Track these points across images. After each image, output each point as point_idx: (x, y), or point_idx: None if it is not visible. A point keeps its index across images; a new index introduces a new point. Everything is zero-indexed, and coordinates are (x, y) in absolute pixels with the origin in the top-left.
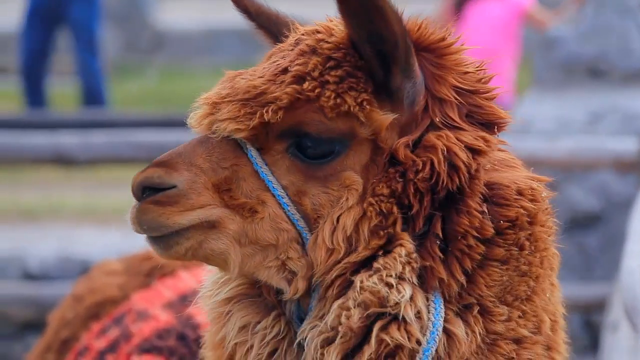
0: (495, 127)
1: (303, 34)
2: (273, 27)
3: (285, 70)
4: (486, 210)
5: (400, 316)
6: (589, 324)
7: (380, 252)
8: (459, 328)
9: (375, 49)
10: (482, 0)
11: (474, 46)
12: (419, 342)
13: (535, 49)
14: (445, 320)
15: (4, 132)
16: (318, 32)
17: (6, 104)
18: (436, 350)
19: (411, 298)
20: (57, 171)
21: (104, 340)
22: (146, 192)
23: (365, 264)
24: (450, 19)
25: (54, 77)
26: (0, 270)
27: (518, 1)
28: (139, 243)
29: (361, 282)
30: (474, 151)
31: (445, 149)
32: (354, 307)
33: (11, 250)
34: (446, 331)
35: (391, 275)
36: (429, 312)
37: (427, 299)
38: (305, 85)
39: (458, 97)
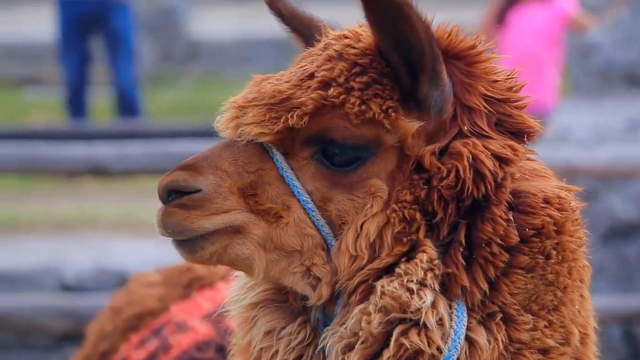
0: (525, 136)
1: (332, 39)
2: (306, 31)
3: (311, 76)
4: (511, 218)
5: (422, 322)
6: (629, 335)
7: (403, 259)
8: (481, 336)
9: (401, 56)
10: (526, 6)
11: (508, 55)
12: (439, 349)
13: (573, 55)
14: (468, 328)
15: (40, 143)
16: (346, 37)
17: (43, 114)
18: (457, 358)
19: (433, 304)
20: (93, 182)
21: (143, 352)
22: (172, 195)
23: (389, 270)
24: (493, 25)
25: (89, 87)
26: (37, 282)
27: (562, 7)
28: (174, 254)
29: (382, 287)
30: (501, 159)
31: (471, 157)
32: (375, 312)
33: (47, 261)
34: (468, 339)
35: (412, 281)
36: (451, 320)
37: (450, 307)
38: (331, 91)
39: (487, 106)
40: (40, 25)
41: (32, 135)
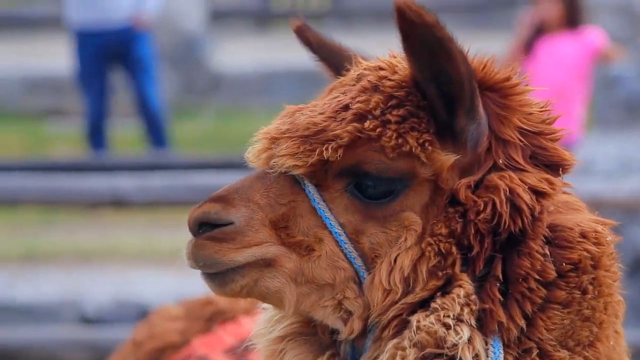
0: (560, 169)
1: (365, 69)
2: (335, 60)
3: (346, 107)
4: (548, 253)
5: (458, 358)
6: None
7: (439, 293)
8: None
9: (439, 89)
10: (554, 38)
11: (541, 87)
12: None
13: (597, 87)
14: None
15: (61, 175)
16: (381, 68)
17: (65, 146)
18: None
19: (469, 340)
20: (114, 213)
21: None
22: (203, 227)
23: (423, 304)
24: (520, 56)
25: (110, 119)
26: (56, 314)
27: (591, 40)
28: (196, 286)
29: (418, 321)
30: (538, 193)
31: (507, 190)
32: (410, 347)
33: (67, 293)
34: None
35: (449, 316)
36: (487, 356)
37: (486, 343)
38: (367, 124)
39: (522, 139)
40: (62, 57)
41: (54, 167)
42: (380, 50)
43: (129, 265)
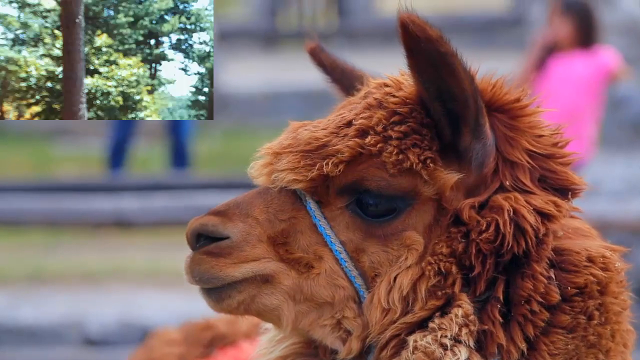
0: (570, 193)
1: (372, 87)
2: (346, 81)
3: (349, 124)
4: (553, 276)
5: None
6: None
7: (438, 313)
8: None
9: (444, 107)
10: (567, 57)
11: (552, 108)
12: None
13: (604, 108)
14: None
15: (67, 196)
16: (387, 85)
17: (73, 167)
18: None
19: None
20: (119, 234)
21: None
22: (201, 240)
23: (422, 324)
24: (532, 75)
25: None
26: (60, 336)
27: (605, 60)
28: (201, 307)
29: (415, 341)
30: (544, 215)
31: (512, 211)
32: None
33: (71, 315)
34: None
35: (446, 336)
36: None
37: None
38: (368, 139)
39: (531, 161)
40: None
41: (59, 188)
42: (386, 70)
43: (134, 286)
